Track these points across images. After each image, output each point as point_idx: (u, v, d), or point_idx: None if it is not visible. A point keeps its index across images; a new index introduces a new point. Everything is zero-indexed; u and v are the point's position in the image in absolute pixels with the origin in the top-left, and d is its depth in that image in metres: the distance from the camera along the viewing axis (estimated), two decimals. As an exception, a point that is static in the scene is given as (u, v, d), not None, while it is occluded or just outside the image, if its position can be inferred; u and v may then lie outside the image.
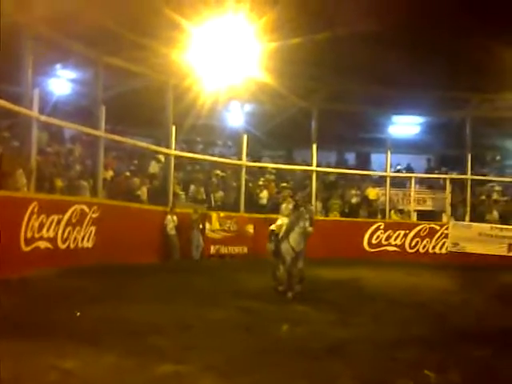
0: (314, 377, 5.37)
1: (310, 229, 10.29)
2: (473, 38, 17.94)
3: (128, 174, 16.88)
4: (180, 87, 16.39)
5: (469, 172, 21.35)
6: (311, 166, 20.87)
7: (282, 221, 10.94)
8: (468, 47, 18.42)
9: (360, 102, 20.77)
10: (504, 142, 22.30)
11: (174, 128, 17.05)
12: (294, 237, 10.33)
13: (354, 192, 21.93)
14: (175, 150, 17.46)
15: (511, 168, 23.57)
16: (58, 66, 16.67)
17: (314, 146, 20.71)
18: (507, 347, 6.70)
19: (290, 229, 10.44)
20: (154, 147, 18.23)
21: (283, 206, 11.39)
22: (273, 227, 11.12)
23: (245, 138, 19.35)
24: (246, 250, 17.74)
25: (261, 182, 20.41)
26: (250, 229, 17.92)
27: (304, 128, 21.05)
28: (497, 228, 19.89)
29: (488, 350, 6.50)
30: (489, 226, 20.06)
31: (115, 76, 16.07)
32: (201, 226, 16.68)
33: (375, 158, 24.35)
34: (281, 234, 10.64)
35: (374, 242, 20.21)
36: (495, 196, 22.08)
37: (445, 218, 21.08)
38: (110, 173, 16.08)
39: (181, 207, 16.86)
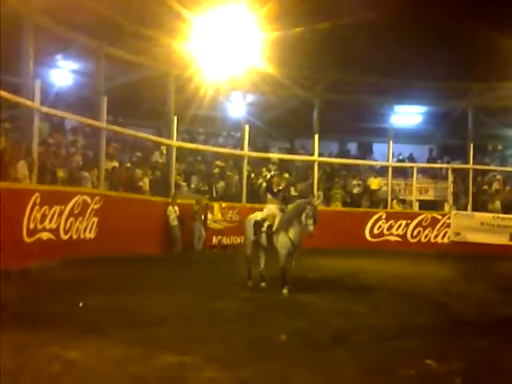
0: (316, 367, 5.39)
1: (312, 228, 9.30)
2: (475, 27, 17.89)
3: (129, 165, 16.89)
4: (182, 78, 16.40)
5: (471, 162, 21.31)
6: (313, 156, 20.87)
7: (269, 210, 10.03)
8: (470, 36, 18.36)
9: (362, 92, 20.73)
10: (506, 131, 22.26)
11: (175, 119, 17.03)
12: (294, 230, 9.52)
13: (355, 182, 21.94)
14: (177, 140, 17.45)
15: (513, 157, 23.53)
16: (60, 56, 16.65)
17: (316, 136, 20.68)
18: (509, 337, 6.71)
19: (289, 221, 9.56)
20: (155, 138, 18.23)
21: (277, 194, 10.26)
22: (260, 217, 10.12)
23: (246, 128, 19.32)
24: (248, 240, 17.75)
25: (264, 173, 20.40)
26: (252, 219, 17.94)
27: (306, 118, 21.05)
28: (499, 217, 19.88)
29: (490, 340, 6.53)
30: (491, 215, 20.05)
31: (117, 67, 16.08)
32: (203, 217, 16.70)
33: (377, 147, 24.35)
34: (276, 226, 9.72)
35: (375, 231, 20.23)
36: (497, 186, 22.06)
37: (447, 208, 21.08)
38: (112, 164, 16.08)
39: (183, 198, 16.87)
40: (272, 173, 11.55)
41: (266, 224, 9.90)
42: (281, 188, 10.50)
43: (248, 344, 6.13)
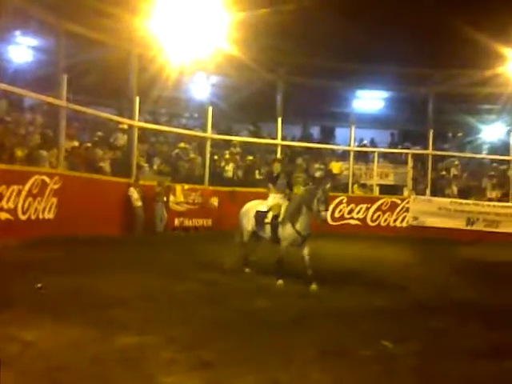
0: (276, 348, 5.44)
1: (324, 213, 8.67)
2: (437, 15, 18.09)
3: (89, 144, 16.61)
4: (145, 57, 16.13)
5: (430, 147, 21.70)
6: (276, 139, 20.91)
7: (274, 199, 9.31)
8: (432, 24, 18.58)
9: (325, 76, 20.79)
10: (465, 118, 22.68)
11: (138, 99, 16.78)
12: (302, 220, 8.81)
13: (317, 166, 22.10)
14: (139, 121, 17.23)
15: (471, 144, 24.03)
16: (18, 32, 16.18)
17: (280, 120, 20.71)
18: (465, 319, 6.89)
19: (297, 209, 8.84)
20: (117, 118, 17.95)
21: (279, 180, 9.49)
22: (264, 207, 9.37)
23: (210, 110, 19.21)
24: (210, 222, 17.75)
25: (226, 155, 20.35)
26: (215, 201, 17.92)
27: (270, 101, 21.02)
28: (456, 202, 20.33)
29: (446, 322, 6.69)
30: (448, 200, 20.49)
31: (78, 44, 15.71)
32: (165, 199, 16.59)
33: (339, 132, 24.51)
34: (282, 216, 9.00)
35: (336, 215, 20.45)
36: (455, 171, 22.55)
37: (406, 193, 21.43)
38: (72, 143, 15.79)
39: (145, 179, 16.71)
40: (274, 157, 10.08)
41: (270, 215, 9.20)
42: (281, 174, 9.56)
43: (209, 325, 6.15)
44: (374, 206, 20.62)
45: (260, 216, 9.31)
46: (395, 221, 20.63)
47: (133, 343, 5.35)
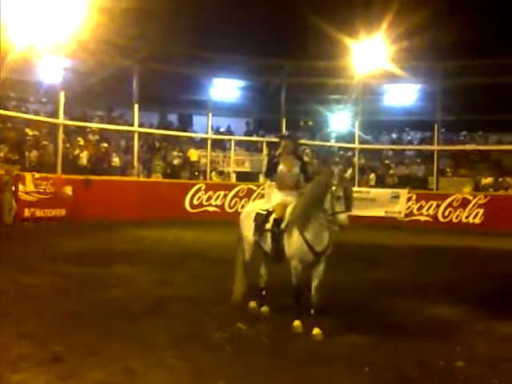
0: (131, 337, 5.47)
1: (344, 217, 5.71)
2: (290, 9, 18.83)
3: None
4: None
5: (284, 135, 22.58)
6: (133, 126, 20.60)
7: (277, 196, 6.49)
8: (285, 16, 19.30)
9: (182, 63, 20.84)
10: (315, 107, 23.85)
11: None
12: (313, 228, 5.95)
13: (176, 153, 22.14)
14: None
15: (321, 132, 25.36)
16: None
17: (136, 106, 20.42)
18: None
19: (305, 211, 5.99)
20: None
21: (280, 167, 6.51)
22: (265, 207, 6.57)
23: (62, 95, 18.46)
24: (63, 212, 17.11)
25: (80, 142, 19.68)
26: (68, 190, 17.29)
27: (126, 87, 20.64)
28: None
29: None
30: (300, 186, 21.47)
31: None
32: (13, 188, 15.73)
33: (197, 119, 24.70)
34: (287, 220, 6.18)
35: (195, 202, 20.64)
36: (306, 158, 23.66)
37: (261, 179, 22.14)
38: None
39: (-10, 168, 15.73)
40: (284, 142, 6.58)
41: (272, 218, 6.38)
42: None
43: (61, 318, 6.02)
44: (232, 193, 21.07)
45: (259, 219, 6.53)
46: (251, 206, 21.20)
47: (-21, 342, 5.12)
